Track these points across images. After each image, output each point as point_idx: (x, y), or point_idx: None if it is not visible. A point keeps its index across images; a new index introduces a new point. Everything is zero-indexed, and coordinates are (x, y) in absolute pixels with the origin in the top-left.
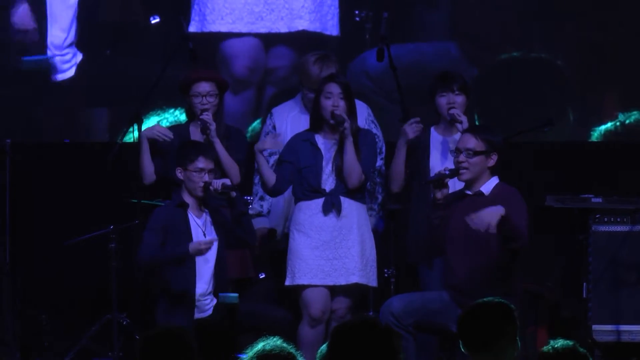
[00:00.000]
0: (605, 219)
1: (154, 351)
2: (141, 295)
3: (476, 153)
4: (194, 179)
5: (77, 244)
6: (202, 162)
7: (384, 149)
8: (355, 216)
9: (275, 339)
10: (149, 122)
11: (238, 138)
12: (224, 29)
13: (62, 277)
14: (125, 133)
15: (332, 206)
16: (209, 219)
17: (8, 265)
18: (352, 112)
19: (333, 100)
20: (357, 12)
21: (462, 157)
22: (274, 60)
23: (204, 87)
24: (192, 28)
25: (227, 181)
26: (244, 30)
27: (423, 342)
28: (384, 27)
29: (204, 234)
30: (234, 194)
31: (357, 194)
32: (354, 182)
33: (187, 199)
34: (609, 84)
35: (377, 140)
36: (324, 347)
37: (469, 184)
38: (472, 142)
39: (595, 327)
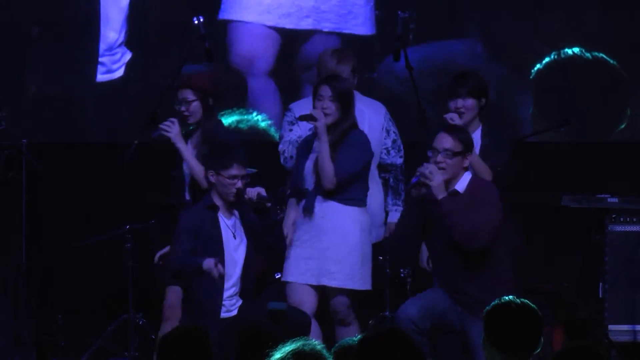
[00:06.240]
0: (622, 219)
1: (172, 351)
2: (158, 295)
3: (455, 154)
4: (227, 184)
5: (93, 244)
6: (235, 169)
7: (402, 147)
8: (335, 218)
9: (313, 342)
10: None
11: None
12: (252, 19)
13: (78, 277)
14: (142, 133)
15: (310, 206)
16: (238, 221)
17: (24, 265)
18: (345, 114)
19: (324, 103)
20: (400, 12)
21: (440, 158)
22: (311, 57)
23: (183, 93)
24: (222, 15)
25: (262, 191)
26: (271, 24)
27: (445, 345)
28: (400, 26)
29: (234, 236)
30: (269, 204)
31: (343, 195)
32: (324, 183)
33: (217, 201)
34: None
35: (395, 138)
36: (341, 343)
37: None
38: (449, 142)
39: (611, 327)
